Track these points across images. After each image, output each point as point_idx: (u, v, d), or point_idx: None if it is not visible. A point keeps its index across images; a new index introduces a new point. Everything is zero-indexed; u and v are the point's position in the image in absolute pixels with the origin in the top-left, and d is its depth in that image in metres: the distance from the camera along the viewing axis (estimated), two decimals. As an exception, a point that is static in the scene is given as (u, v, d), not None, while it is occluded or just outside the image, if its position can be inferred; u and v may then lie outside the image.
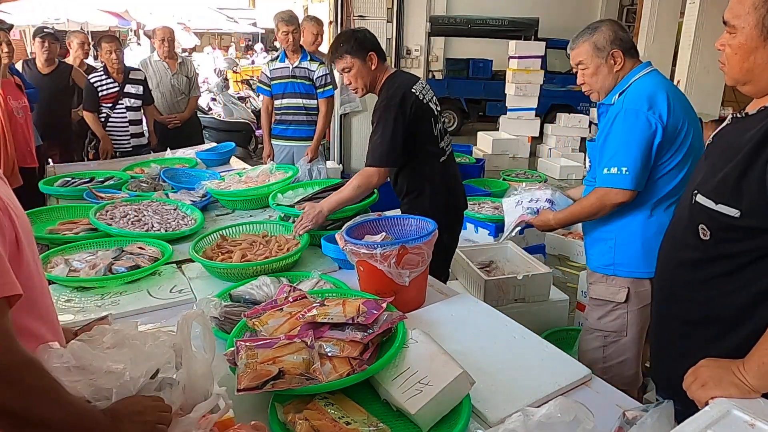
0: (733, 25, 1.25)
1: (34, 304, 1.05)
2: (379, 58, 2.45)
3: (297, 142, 4.32)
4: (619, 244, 2.02)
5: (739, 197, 1.21)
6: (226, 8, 15.59)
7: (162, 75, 4.98)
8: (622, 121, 1.88)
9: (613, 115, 1.92)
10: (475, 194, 4.53)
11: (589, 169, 2.30)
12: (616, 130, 1.90)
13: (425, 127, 2.45)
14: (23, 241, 1.02)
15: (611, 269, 2.06)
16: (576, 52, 2.01)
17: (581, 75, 2.03)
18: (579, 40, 2.00)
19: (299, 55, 4.20)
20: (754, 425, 1.03)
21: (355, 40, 2.42)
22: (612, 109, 1.95)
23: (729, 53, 1.28)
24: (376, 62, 2.44)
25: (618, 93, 1.96)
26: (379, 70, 2.47)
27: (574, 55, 2.02)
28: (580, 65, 2.01)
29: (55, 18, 10.57)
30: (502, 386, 1.39)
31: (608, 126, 1.93)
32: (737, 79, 1.31)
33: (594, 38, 1.96)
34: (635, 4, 8.92)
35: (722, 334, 1.31)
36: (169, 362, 1.08)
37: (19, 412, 0.86)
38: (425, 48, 7.29)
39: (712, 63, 5.67)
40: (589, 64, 1.98)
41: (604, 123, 1.97)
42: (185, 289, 1.96)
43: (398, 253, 1.65)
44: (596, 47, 1.96)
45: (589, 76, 2.01)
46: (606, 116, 1.98)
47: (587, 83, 2.03)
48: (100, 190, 2.97)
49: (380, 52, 2.47)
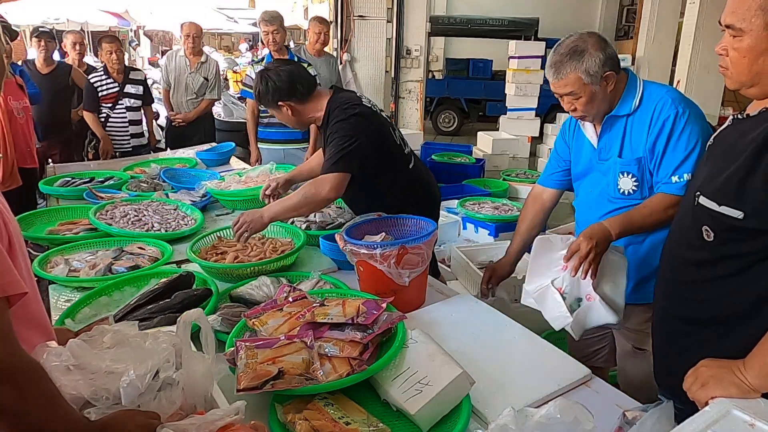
0: (740, 28, 1.22)
1: (25, 309, 1.05)
2: (296, 97, 2.20)
3: (287, 144, 4.27)
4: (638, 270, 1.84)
5: (742, 199, 1.21)
6: (226, 8, 15.59)
7: (181, 71, 4.88)
8: (690, 122, 1.70)
9: (662, 119, 1.72)
10: (475, 194, 4.53)
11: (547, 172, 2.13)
12: (682, 133, 1.69)
13: (387, 135, 2.27)
14: (15, 245, 1.02)
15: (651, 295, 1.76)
16: (563, 82, 1.74)
17: (572, 103, 1.78)
18: (565, 69, 1.72)
19: (285, 56, 4.13)
20: (754, 425, 1.03)
21: (270, 92, 2.19)
22: (641, 114, 1.76)
23: (735, 57, 1.25)
24: (291, 105, 2.21)
25: (637, 99, 1.78)
26: (305, 105, 2.23)
27: (561, 85, 1.76)
28: (571, 95, 1.76)
29: (55, 18, 10.58)
30: (502, 386, 1.39)
31: (663, 131, 1.72)
32: (743, 83, 1.27)
33: (584, 66, 1.70)
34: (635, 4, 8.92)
35: (724, 334, 1.31)
36: (169, 361, 1.08)
37: (18, 415, 0.86)
38: (425, 48, 7.30)
39: (712, 63, 5.66)
40: (582, 94, 1.75)
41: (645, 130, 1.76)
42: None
43: (398, 253, 1.65)
44: (588, 74, 1.71)
45: (584, 104, 1.77)
46: (632, 125, 1.79)
47: (580, 110, 1.80)
48: (100, 190, 2.97)
49: (292, 90, 2.18)
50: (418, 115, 7.57)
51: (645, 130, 1.76)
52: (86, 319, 1.69)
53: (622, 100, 1.80)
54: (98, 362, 1.06)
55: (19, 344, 0.89)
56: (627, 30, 11.50)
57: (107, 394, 1.02)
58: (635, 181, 1.80)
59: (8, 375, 0.85)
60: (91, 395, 1.02)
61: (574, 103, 1.78)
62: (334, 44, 6.41)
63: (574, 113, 1.83)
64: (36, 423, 0.89)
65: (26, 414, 0.87)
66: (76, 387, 1.01)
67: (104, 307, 1.77)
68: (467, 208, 3.68)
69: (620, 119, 1.81)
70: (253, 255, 2.10)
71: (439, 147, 6.56)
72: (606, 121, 1.84)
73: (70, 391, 1.00)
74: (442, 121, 11.19)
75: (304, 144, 4.28)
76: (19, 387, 0.86)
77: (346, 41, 6.50)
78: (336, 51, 6.32)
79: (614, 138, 1.84)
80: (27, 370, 0.89)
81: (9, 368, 0.86)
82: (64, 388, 0.99)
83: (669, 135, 1.71)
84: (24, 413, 0.87)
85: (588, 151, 1.93)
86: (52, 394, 0.92)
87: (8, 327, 0.88)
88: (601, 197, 1.90)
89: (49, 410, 0.90)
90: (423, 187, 2.44)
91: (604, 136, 1.86)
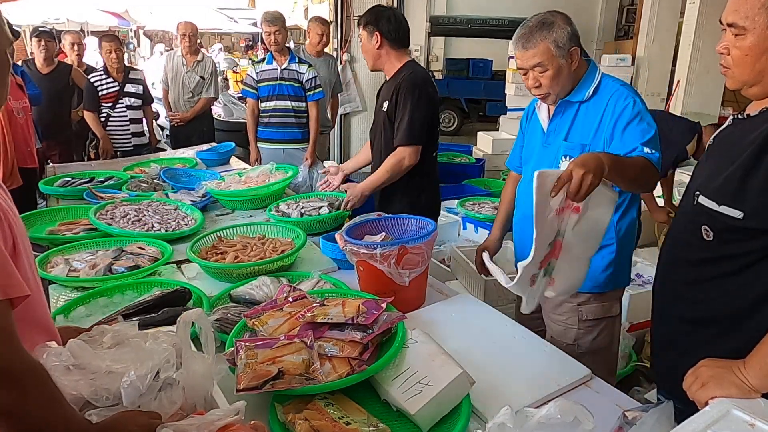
0: (743, 27, 1.21)
1: (30, 311, 1.05)
2: (389, 42, 2.56)
3: (286, 144, 4.28)
4: (622, 249, 1.86)
5: (742, 199, 1.21)
6: (226, 8, 15.57)
7: (178, 70, 4.91)
8: (646, 112, 1.75)
9: (620, 107, 1.74)
10: (475, 194, 4.52)
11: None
12: (642, 119, 1.72)
13: (437, 116, 2.62)
14: (20, 247, 1.02)
15: (611, 284, 1.88)
16: (532, 52, 1.74)
17: (537, 78, 1.77)
18: (535, 38, 1.73)
19: (287, 56, 4.15)
20: (754, 425, 1.03)
21: (369, 14, 2.60)
22: (595, 103, 1.79)
23: (738, 55, 1.24)
24: (380, 42, 2.55)
25: (592, 88, 1.80)
26: (389, 53, 2.59)
27: (530, 56, 1.75)
28: (538, 67, 1.75)
29: (55, 18, 10.57)
30: (502, 386, 1.39)
31: (621, 119, 1.73)
32: (746, 82, 1.26)
33: (554, 36, 1.72)
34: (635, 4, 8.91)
35: (724, 334, 1.32)
36: (169, 361, 1.08)
37: (20, 417, 0.86)
38: (425, 48, 7.29)
39: (712, 63, 5.66)
40: (549, 66, 1.74)
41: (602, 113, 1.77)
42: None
43: (398, 253, 1.65)
44: (557, 46, 1.72)
45: (550, 78, 1.76)
46: (584, 112, 1.81)
47: (545, 86, 1.78)
48: (100, 190, 2.97)
49: (389, 34, 2.55)
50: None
51: (597, 119, 1.78)
52: (79, 318, 1.69)
53: (579, 86, 1.82)
54: (98, 362, 1.06)
55: (22, 346, 0.89)
56: (627, 30, 11.49)
57: (107, 395, 1.02)
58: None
59: (10, 377, 0.85)
60: (91, 395, 1.01)
61: (539, 78, 1.77)
62: (334, 44, 6.40)
63: (538, 90, 1.81)
64: (37, 425, 0.89)
65: (28, 416, 0.87)
66: (76, 387, 1.01)
67: (101, 308, 1.77)
68: (467, 208, 3.68)
69: (573, 105, 1.83)
70: (253, 255, 2.10)
71: (439, 147, 6.55)
72: (559, 105, 1.85)
73: (70, 391, 1.00)
74: (442, 121, 11.18)
75: (303, 144, 4.29)
76: (22, 389, 0.86)
77: (346, 41, 6.49)
78: (336, 51, 6.31)
79: (563, 123, 1.86)
80: (29, 372, 0.89)
81: (11, 370, 0.85)
82: (64, 388, 0.98)
83: (628, 122, 1.72)
84: (26, 415, 0.87)
85: (538, 135, 1.96)
86: (54, 397, 0.91)
87: (11, 329, 0.87)
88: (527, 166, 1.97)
89: (50, 412, 0.90)
90: (436, 178, 2.81)
91: (555, 119, 1.88)
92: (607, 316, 1.92)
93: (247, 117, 4.36)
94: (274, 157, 4.26)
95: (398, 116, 2.53)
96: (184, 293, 1.75)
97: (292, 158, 4.22)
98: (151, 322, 1.55)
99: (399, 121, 2.52)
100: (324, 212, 2.56)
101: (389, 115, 2.58)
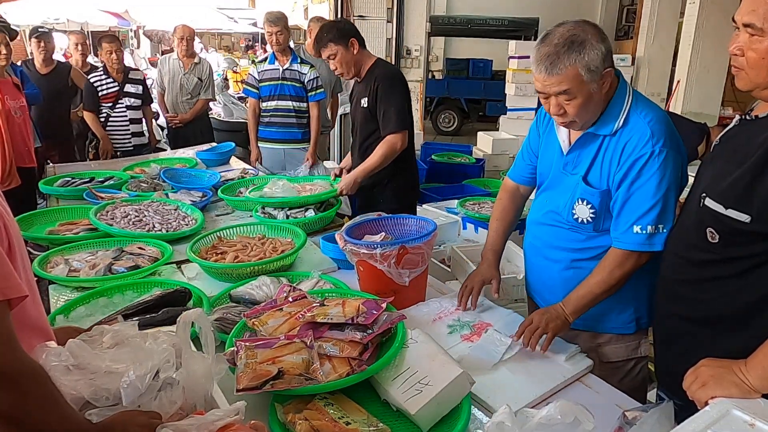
0: (761, 28, 1.16)
1: (25, 312, 1.05)
2: (360, 45, 2.79)
3: (287, 144, 4.28)
4: (639, 290, 1.64)
5: (749, 203, 1.20)
6: (226, 8, 15.57)
7: (174, 73, 4.93)
8: (663, 166, 1.48)
9: (634, 156, 1.49)
10: (475, 194, 4.52)
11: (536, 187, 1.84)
12: (652, 177, 1.48)
13: (411, 102, 2.87)
14: (15, 248, 1.01)
15: (633, 326, 1.69)
16: (558, 78, 1.43)
17: (562, 106, 1.48)
18: (563, 61, 1.42)
19: (289, 57, 4.16)
20: (754, 425, 1.03)
21: (336, 29, 2.75)
22: (620, 139, 1.52)
23: (754, 58, 1.20)
24: (358, 48, 2.77)
25: (621, 118, 1.53)
26: (362, 54, 2.82)
27: (555, 82, 1.44)
28: (564, 95, 1.46)
29: (55, 18, 10.56)
30: (502, 386, 1.39)
31: (632, 170, 1.50)
32: (759, 84, 1.23)
33: (586, 59, 1.42)
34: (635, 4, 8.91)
35: (725, 334, 1.31)
36: (169, 361, 1.08)
37: (20, 418, 0.86)
38: (425, 48, 7.29)
39: (712, 63, 5.67)
40: (578, 94, 1.45)
41: (615, 162, 1.54)
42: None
43: (398, 253, 1.65)
44: (589, 70, 1.43)
45: (577, 107, 1.47)
46: (607, 149, 1.56)
47: (571, 114, 1.49)
48: (100, 190, 2.97)
49: (360, 39, 2.79)
50: (417, 115, 7.57)
51: (616, 161, 1.54)
52: (79, 318, 1.69)
53: (606, 114, 1.54)
54: (98, 362, 1.06)
55: (21, 347, 0.89)
56: (627, 30, 11.50)
57: (107, 394, 1.02)
58: (593, 212, 1.59)
59: (10, 379, 0.85)
60: (91, 395, 1.01)
61: (564, 105, 1.48)
62: (334, 44, 6.40)
63: (562, 118, 1.52)
64: (37, 426, 0.88)
65: (28, 417, 0.87)
66: (76, 387, 1.01)
67: (101, 308, 1.77)
68: (467, 208, 3.67)
69: (597, 138, 1.57)
70: (253, 255, 2.10)
71: (439, 147, 6.55)
72: (582, 136, 1.59)
73: (70, 391, 1.00)
74: (442, 121, 11.20)
75: (304, 144, 4.29)
76: (21, 391, 0.86)
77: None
78: (336, 51, 6.32)
79: (586, 156, 1.60)
80: (29, 373, 0.88)
81: (11, 372, 0.85)
82: (64, 388, 0.98)
83: (636, 176, 1.50)
84: (25, 416, 0.87)
85: (555, 155, 1.70)
86: (54, 398, 0.91)
87: (9, 330, 0.87)
88: (553, 217, 1.70)
89: (50, 413, 0.90)
90: (414, 153, 3.05)
91: (576, 150, 1.62)
92: (633, 357, 1.75)
93: (248, 116, 4.37)
94: (275, 157, 4.28)
95: (382, 108, 2.74)
96: (184, 293, 1.75)
97: (293, 158, 4.23)
98: (151, 322, 1.55)
99: (384, 112, 2.73)
100: (310, 215, 2.56)
101: (370, 109, 2.80)
